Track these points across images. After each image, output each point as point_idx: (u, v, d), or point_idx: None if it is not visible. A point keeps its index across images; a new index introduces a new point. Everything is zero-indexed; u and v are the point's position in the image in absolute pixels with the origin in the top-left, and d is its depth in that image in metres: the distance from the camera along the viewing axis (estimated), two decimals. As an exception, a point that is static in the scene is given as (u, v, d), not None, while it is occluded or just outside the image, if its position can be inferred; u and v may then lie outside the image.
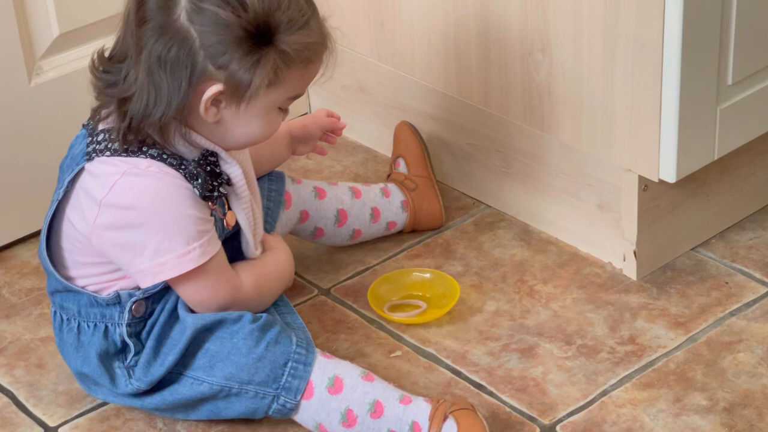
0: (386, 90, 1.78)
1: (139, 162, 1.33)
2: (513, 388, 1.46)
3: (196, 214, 1.34)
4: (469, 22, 1.65)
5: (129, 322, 1.39)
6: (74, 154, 1.39)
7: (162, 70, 1.29)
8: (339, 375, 1.37)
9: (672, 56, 1.44)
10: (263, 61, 1.30)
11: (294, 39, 1.31)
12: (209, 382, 1.37)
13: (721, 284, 1.59)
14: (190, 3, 1.29)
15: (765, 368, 1.47)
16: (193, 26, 1.29)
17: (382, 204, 1.65)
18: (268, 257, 1.45)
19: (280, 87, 1.33)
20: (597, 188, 1.61)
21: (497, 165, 1.71)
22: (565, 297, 1.58)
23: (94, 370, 1.40)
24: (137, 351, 1.40)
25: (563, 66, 1.56)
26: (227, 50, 1.29)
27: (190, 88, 1.31)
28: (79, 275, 1.40)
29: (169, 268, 1.34)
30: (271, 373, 1.36)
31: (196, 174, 1.34)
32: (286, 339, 1.37)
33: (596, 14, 1.50)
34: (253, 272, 1.42)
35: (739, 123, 1.54)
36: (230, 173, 1.38)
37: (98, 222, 1.34)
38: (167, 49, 1.29)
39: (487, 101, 1.67)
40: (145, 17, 1.30)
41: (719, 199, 1.65)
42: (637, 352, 1.50)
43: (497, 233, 1.69)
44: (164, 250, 1.33)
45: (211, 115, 1.33)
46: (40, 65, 1.66)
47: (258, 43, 1.30)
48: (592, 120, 1.56)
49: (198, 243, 1.34)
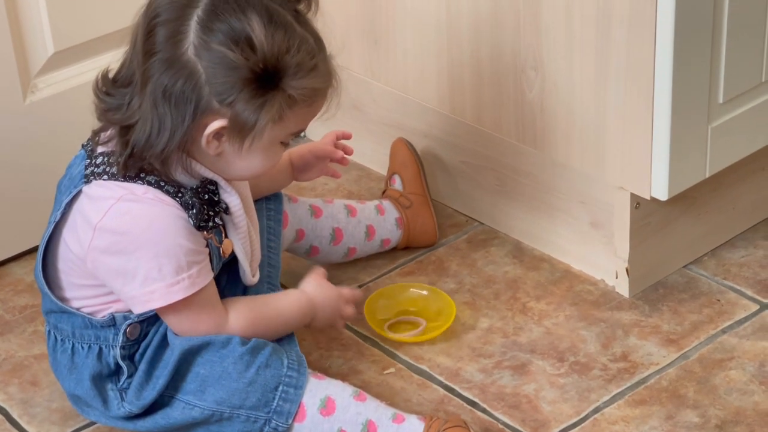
0: (380, 108, 1.79)
1: (135, 188, 1.33)
2: (506, 405, 1.47)
3: (187, 245, 1.33)
4: (462, 40, 1.66)
5: (123, 344, 1.39)
6: (72, 175, 1.39)
7: (167, 102, 1.29)
8: (331, 396, 1.37)
9: (663, 75, 1.45)
10: (269, 104, 1.30)
11: (301, 84, 1.31)
12: (200, 407, 1.37)
13: (713, 302, 1.60)
14: (199, 38, 1.29)
15: (756, 385, 1.47)
16: (200, 62, 1.29)
17: (377, 222, 1.66)
18: (279, 300, 1.43)
19: (283, 125, 1.33)
20: (589, 206, 1.61)
21: (490, 182, 1.72)
22: (557, 314, 1.59)
23: (86, 392, 1.40)
24: (130, 373, 1.40)
25: (556, 84, 1.57)
26: (233, 90, 1.29)
27: (194, 122, 1.30)
28: (74, 297, 1.40)
29: (157, 297, 1.34)
30: (262, 398, 1.36)
31: (191, 204, 1.34)
32: (277, 362, 1.37)
33: (588, 32, 1.51)
34: (247, 314, 1.40)
35: (730, 141, 1.55)
36: (229, 202, 1.38)
37: (93, 245, 1.34)
38: (173, 82, 1.29)
39: (480, 119, 1.68)
40: (153, 49, 1.30)
41: (711, 216, 1.66)
42: (630, 370, 1.50)
43: (490, 250, 1.70)
44: (154, 278, 1.33)
45: (213, 148, 1.33)
46: (35, 83, 1.66)
47: (264, 86, 1.30)
48: (585, 138, 1.57)
49: (187, 274, 1.34)
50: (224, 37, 1.28)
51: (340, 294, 1.46)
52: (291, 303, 1.44)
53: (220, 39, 1.28)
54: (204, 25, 1.29)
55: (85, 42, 1.68)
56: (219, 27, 1.28)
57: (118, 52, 1.70)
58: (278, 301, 1.43)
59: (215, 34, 1.28)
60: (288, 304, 1.43)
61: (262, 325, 1.40)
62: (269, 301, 1.43)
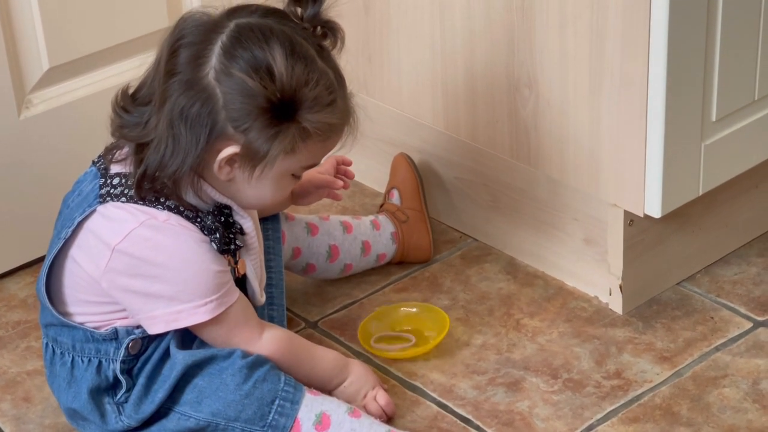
0: (374, 124, 1.79)
1: (157, 213, 1.34)
2: (499, 422, 1.47)
3: (214, 268, 1.35)
4: (456, 57, 1.66)
5: (124, 358, 1.39)
6: (83, 192, 1.38)
7: (183, 124, 1.30)
8: (326, 411, 1.37)
9: (657, 93, 1.46)
10: (282, 135, 1.31)
11: (316, 118, 1.31)
12: (196, 418, 1.37)
13: (707, 319, 1.60)
14: (221, 64, 1.30)
15: (750, 403, 1.47)
16: (219, 86, 1.30)
17: (373, 237, 1.66)
18: (318, 347, 1.44)
19: (296, 157, 1.34)
20: (583, 222, 1.62)
21: (484, 199, 1.72)
22: (551, 331, 1.59)
23: (84, 406, 1.40)
24: (128, 387, 1.40)
25: (549, 101, 1.57)
26: (249, 118, 1.30)
27: (208, 146, 1.31)
28: (78, 312, 1.40)
29: (184, 317, 1.35)
30: (258, 411, 1.36)
31: (214, 228, 1.35)
32: (275, 377, 1.37)
33: (582, 50, 1.51)
34: (282, 340, 1.40)
35: (724, 159, 1.56)
36: (242, 224, 1.39)
37: (110, 267, 1.34)
38: (191, 104, 1.30)
39: (474, 136, 1.69)
40: (174, 69, 1.31)
41: (704, 234, 1.66)
42: (623, 387, 1.50)
43: (484, 267, 1.70)
44: (180, 300, 1.34)
45: (224, 173, 1.34)
46: (29, 98, 1.66)
47: (280, 116, 1.30)
48: (578, 155, 1.57)
49: (216, 295, 1.35)
50: (245, 64, 1.29)
51: (378, 387, 1.46)
52: (328, 354, 1.44)
53: (241, 66, 1.29)
54: (227, 51, 1.30)
55: (80, 58, 1.68)
56: (242, 54, 1.29)
57: (113, 68, 1.72)
58: (317, 348, 1.45)
59: (237, 61, 1.29)
60: (325, 353, 1.44)
61: (291, 357, 1.41)
62: (309, 344, 1.44)
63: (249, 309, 1.40)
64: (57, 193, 1.48)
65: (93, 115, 1.68)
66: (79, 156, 1.60)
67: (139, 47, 1.71)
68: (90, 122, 1.68)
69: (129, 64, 1.71)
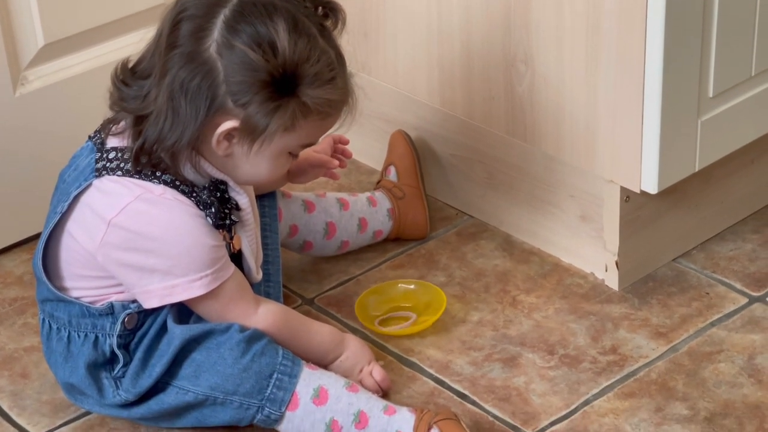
0: (370, 101, 1.79)
1: (153, 187, 1.34)
2: (496, 397, 1.47)
3: (209, 242, 1.35)
4: (452, 34, 1.66)
5: (120, 333, 1.39)
6: (79, 166, 1.38)
7: (183, 96, 1.30)
8: (324, 386, 1.37)
9: (653, 69, 1.46)
10: (282, 110, 1.31)
11: (316, 93, 1.31)
12: (194, 392, 1.37)
13: (702, 295, 1.60)
14: (222, 37, 1.29)
15: (745, 378, 1.48)
16: (221, 60, 1.29)
17: (369, 214, 1.66)
18: (314, 321, 1.45)
19: (294, 134, 1.34)
20: (579, 199, 1.62)
21: (480, 176, 1.72)
22: (547, 307, 1.59)
23: (81, 380, 1.40)
24: (126, 362, 1.40)
25: (546, 78, 1.57)
26: (249, 91, 1.30)
27: (207, 119, 1.31)
28: (74, 286, 1.40)
29: (178, 292, 1.35)
30: (256, 384, 1.36)
31: (209, 203, 1.35)
32: (272, 351, 1.37)
33: (578, 26, 1.51)
34: (278, 315, 1.41)
35: (720, 135, 1.56)
36: (238, 200, 1.39)
37: (105, 240, 1.34)
38: (191, 77, 1.30)
39: (470, 112, 1.68)
40: (176, 42, 1.30)
41: (700, 210, 1.66)
42: (619, 362, 1.51)
43: (480, 244, 1.70)
44: (175, 274, 1.34)
45: (222, 148, 1.34)
46: (25, 75, 1.66)
47: (280, 91, 1.30)
48: (575, 131, 1.57)
49: (210, 270, 1.35)
50: (248, 38, 1.29)
51: (374, 361, 1.46)
52: (324, 329, 1.45)
53: (243, 39, 1.29)
54: (229, 24, 1.29)
55: (75, 34, 1.67)
56: (244, 28, 1.29)
57: (108, 44, 1.71)
58: (313, 323, 1.45)
59: (239, 35, 1.29)
60: (321, 328, 1.45)
61: (287, 331, 1.41)
62: (305, 319, 1.45)
63: (244, 284, 1.40)
64: (53, 170, 1.48)
65: (89, 92, 1.67)
66: (76, 132, 1.60)
67: (135, 23, 1.70)
68: (86, 99, 1.68)
69: (125, 40, 1.70)
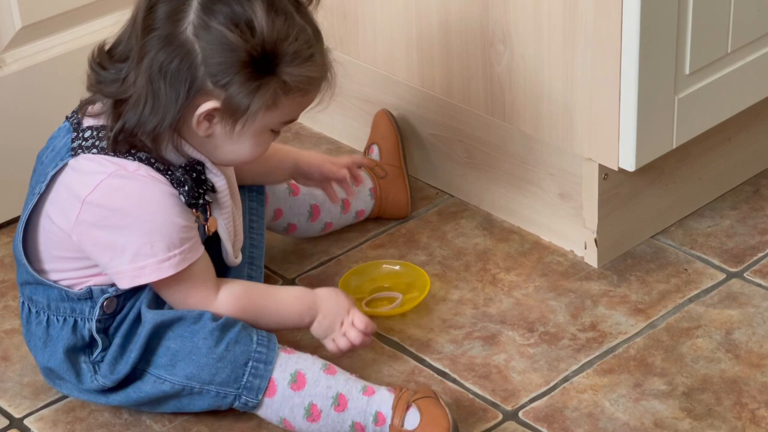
0: (349, 81, 1.79)
1: (126, 164, 1.33)
2: (476, 375, 1.48)
3: (180, 222, 1.34)
4: (430, 14, 1.66)
5: (99, 317, 1.39)
6: (56, 147, 1.38)
7: (162, 80, 1.29)
8: (301, 370, 1.37)
9: (630, 46, 1.46)
10: (263, 89, 1.30)
11: (297, 71, 1.31)
12: (171, 381, 1.37)
13: (681, 271, 1.61)
14: (199, 18, 1.29)
15: (723, 353, 1.49)
16: (198, 41, 1.29)
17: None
18: (279, 291, 1.42)
19: (276, 112, 1.33)
20: (558, 177, 1.62)
21: (460, 155, 1.72)
22: (527, 285, 1.60)
23: (60, 365, 1.40)
24: (104, 347, 1.40)
25: (524, 57, 1.58)
26: (229, 72, 1.29)
27: (187, 102, 1.31)
28: (53, 269, 1.40)
29: (147, 273, 1.34)
30: (231, 374, 1.36)
31: (183, 181, 1.34)
32: (247, 338, 1.37)
33: (555, 5, 1.51)
34: (239, 297, 1.39)
35: (697, 112, 1.57)
36: (215, 182, 1.38)
37: (80, 219, 1.34)
38: (170, 60, 1.29)
39: (449, 92, 1.69)
40: (152, 25, 1.30)
41: (678, 187, 1.67)
42: (598, 339, 1.52)
43: (460, 223, 1.71)
44: (145, 254, 1.33)
45: (203, 129, 1.33)
46: (2, 58, 1.66)
47: (260, 70, 1.30)
48: (553, 110, 1.58)
49: (179, 250, 1.34)
50: (225, 18, 1.28)
51: (352, 310, 1.42)
52: (292, 297, 1.42)
53: (220, 20, 1.28)
54: (205, 6, 1.29)
55: (53, 16, 1.67)
56: (220, 9, 1.29)
57: (86, 26, 1.71)
58: (279, 292, 1.43)
59: (216, 16, 1.29)
60: (288, 297, 1.42)
61: (252, 310, 1.40)
62: (270, 291, 1.42)
63: (210, 269, 1.39)
64: (32, 153, 1.47)
65: (67, 74, 1.67)
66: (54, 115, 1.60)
67: (112, 5, 1.70)
68: (64, 81, 1.67)
69: (102, 22, 1.70)
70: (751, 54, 1.59)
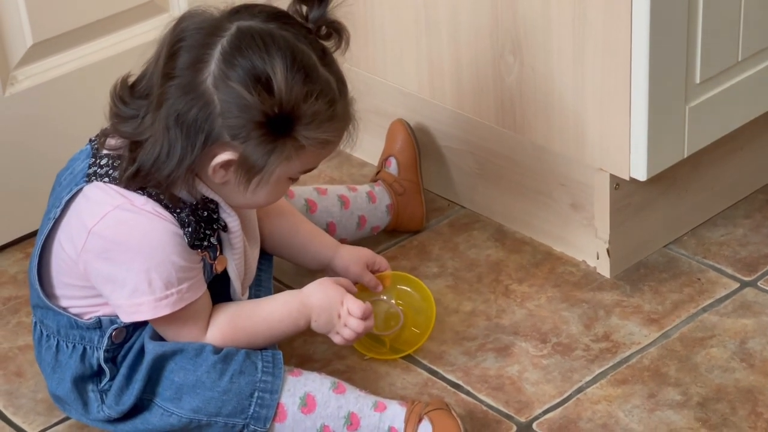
0: (359, 93, 1.79)
1: (135, 197, 1.32)
2: (489, 387, 1.48)
3: (180, 262, 1.32)
4: (440, 26, 1.66)
5: (108, 347, 1.38)
6: (75, 170, 1.37)
7: (179, 128, 1.28)
8: (310, 392, 1.36)
9: (640, 56, 1.46)
10: (278, 150, 1.29)
11: (313, 134, 1.29)
12: (178, 414, 1.36)
13: (694, 281, 1.61)
14: (219, 70, 1.27)
15: (737, 363, 1.49)
16: (217, 93, 1.27)
17: (368, 211, 1.65)
18: (265, 306, 1.40)
19: (294, 164, 1.32)
20: (569, 188, 1.62)
21: (471, 167, 1.72)
22: (539, 296, 1.60)
23: (67, 394, 1.39)
24: (112, 376, 1.39)
25: (534, 68, 1.58)
26: (245, 129, 1.28)
27: (204, 150, 1.29)
28: (63, 295, 1.39)
29: (144, 310, 1.33)
30: (237, 405, 1.35)
31: (187, 222, 1.32)
32: (251, 367, 1.35)
33: (565, 17, 1.51)
34: (225, 328, 1.37)
35: (708, 121, 1.56)
36: (228, 222, 1.37)
37: (86, 248, 1.33)
38: (188, 108, 1.28)
39: (460, 104, 1.69)
40: (173, 72, 1.28)
41: (690, 196, 1.67)
42: (612, 349, 1.51)
43: (472, 234, 1.71)
44: (142, 291, 1.32)
45: (219, 176, 1.32)
46: (14, 75, 1.66)
47: (276, 131, 1.28)
48: (564, 120, 1.58)
49: (176, 289, 1.33)
50: (244, 74, 1.26)
51: (345, 299, 1.40)
52: (278, 306, 1.40)
53: (239, 75, 1.26)
54: (226, 57, 1.27)
55: (64, 33, 1.68)
56: (241, 63, 1.27)
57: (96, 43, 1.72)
58: (266, 306, 1.41)
59: (236, 70, 1.27)
60: (275, 307, 1.40)
61: (243, 336, 1.38)
62: (256, 309, 1.40)
63: (207, 309, 1.38)
64: (44, 169, 1.48)
65: (78, 91, 1.68)
66: (66, 131, 1.61)
67: (123, 22, 1.71)
68: (76, 97, 1.68)
69: (113, 38, 1.70)
70: (762, 62, 1.58)
